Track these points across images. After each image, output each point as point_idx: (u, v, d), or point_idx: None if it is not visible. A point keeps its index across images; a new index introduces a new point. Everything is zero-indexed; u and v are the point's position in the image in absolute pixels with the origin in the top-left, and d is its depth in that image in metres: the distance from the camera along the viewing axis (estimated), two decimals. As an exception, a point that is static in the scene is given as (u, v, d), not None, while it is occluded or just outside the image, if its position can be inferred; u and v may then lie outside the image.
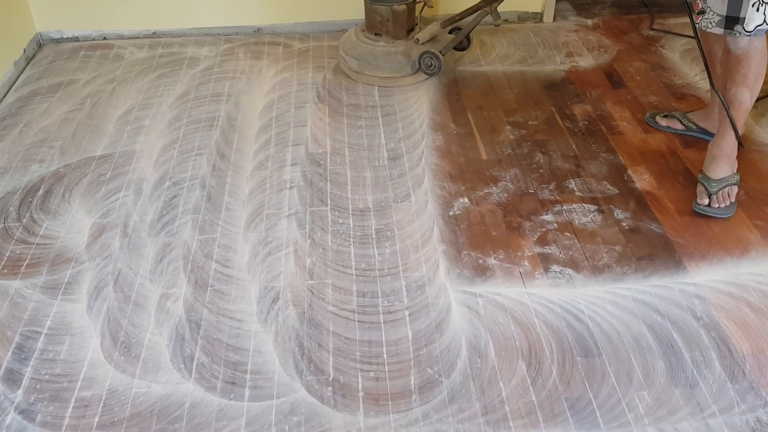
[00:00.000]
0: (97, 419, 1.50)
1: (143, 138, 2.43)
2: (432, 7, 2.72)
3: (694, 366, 1.57)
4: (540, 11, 3.21)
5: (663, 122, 2.37)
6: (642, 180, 2.15)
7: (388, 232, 1.99)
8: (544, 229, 1.98)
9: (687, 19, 3.16)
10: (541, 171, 2.21)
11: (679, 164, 2.21)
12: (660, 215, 2.01)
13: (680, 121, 2.33)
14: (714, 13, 1.82)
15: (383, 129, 2.44)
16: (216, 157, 2.32)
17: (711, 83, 2.05)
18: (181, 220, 2.05)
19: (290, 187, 2.17)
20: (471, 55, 2.93)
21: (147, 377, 1.59)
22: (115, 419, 1.50)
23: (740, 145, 2.03)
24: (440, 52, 2.61)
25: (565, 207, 2.06)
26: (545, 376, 1.56)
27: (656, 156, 2.26)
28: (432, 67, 2.63)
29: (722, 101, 1.94)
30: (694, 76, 2.73)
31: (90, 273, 1.88)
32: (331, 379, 1.58)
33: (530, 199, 2.10)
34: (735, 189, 2.02)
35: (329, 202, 2.10)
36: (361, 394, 1.54)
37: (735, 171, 2.03)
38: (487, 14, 2.58)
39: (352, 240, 1.96)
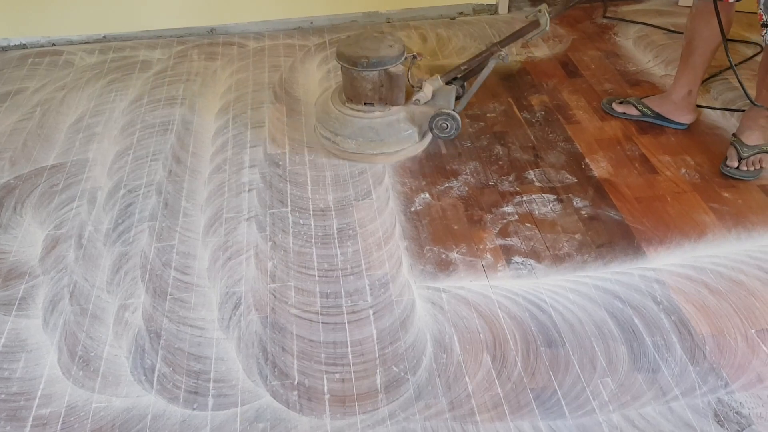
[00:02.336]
0: (56, 437, 1.46)
1: (96, 145, 2.37)
2: (423, 57, 2.29)
3: (656, 350, 1.59)
4: (495, 3, 3.22)
5: (619, 108, 2.40)
6: (599, 168, 2.17)
7: (350, 231, 1.97)
8: (505, 221, 1.98)
9: (639, 6, 3.21)
10: (500, 163, 2.22)
11: (635, 150, 2.24)
12: (618, 202, 2.03)
13: (635, 107, 2.36)
14: None
15: (342, 127, 2.42)
16: (172, 161, 2.28)
17: (732, 67, 2.06)
18: (138, 228, 2.01)
19: (249, 190, 2.14)
20: (428, 50, 2.93)
21: (107, 391, 1.55)
22: (75, 436, 1.46)
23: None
24: (454, 110, 2.22)
25: (525, 198, 2.06)
26: (510, 368, 1.57)
27: (613, 143, 2.28)
28: (448, 129, 2.22)
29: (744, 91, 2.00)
30: (648, 62, 2.76)
31: (45, 287, 1.83)
32: (296, 383, 1.56)
33: (490, 191, 2.10)
34: (766, 156, 2.10)
35: (289, 203, 2.08)
36: (327, 396, 1.53)
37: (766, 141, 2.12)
38: (501, 58, 2.18)
39: (314, 240, 1.94)
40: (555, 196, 2.07)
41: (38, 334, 1.70)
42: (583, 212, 2.00)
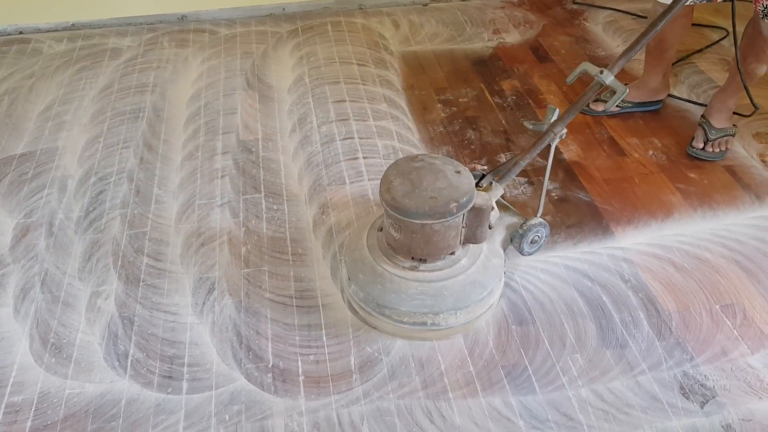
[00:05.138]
0: (29, 423, 1.46)
1: (66, 134, 2.35)
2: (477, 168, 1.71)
3: (624, 327, 1.63)
4: (466, -11, 3.23)
5: (599, 108, 2.37)
6: (569, 150, 2.20)
7: (323, 216, 1.98)
8: (477, 204, 2.00)
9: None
10: (472, 147, 2.24)
11: (604, 133, 2.27)
12: (587, 184, 2.06)
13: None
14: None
15: (315, 112, 2.42)
16: (143, 149, 2.26)
17: (737, 63, 2.04)
18: (109, 215, 1.99)
19: (222, 176, 2.13)
20: (401, 36, 2.93)
21: (80, 377, 1.55)
22: (49, 422, 1.46)
23: (755, 107, 2.08)
24: (539, 216, 1.80)
25: (496, 181, 2.08)
26: (482, 346, 1.59)
27: (582, 126, 2.31)
28: (540, 240, 1.81)
29: (740, 71, 1.98)
30: (617, 47, 2.80)
31: (15, 275, 1.81)
32: (270, 365, 1.57)
33: (463, 175, 2.11)
34: (732, 139, 2.14)
35: (263, 189, 2.08)
36: (301, 378, 1.54)
37: (733, 124, 2.17)
38: (562, 136, 1.77)
39: (287, 225, 1.95)
40: (526, 179, 2.09)
41: (9, 322, 1.69)
42: (553, 194, 2.03)
